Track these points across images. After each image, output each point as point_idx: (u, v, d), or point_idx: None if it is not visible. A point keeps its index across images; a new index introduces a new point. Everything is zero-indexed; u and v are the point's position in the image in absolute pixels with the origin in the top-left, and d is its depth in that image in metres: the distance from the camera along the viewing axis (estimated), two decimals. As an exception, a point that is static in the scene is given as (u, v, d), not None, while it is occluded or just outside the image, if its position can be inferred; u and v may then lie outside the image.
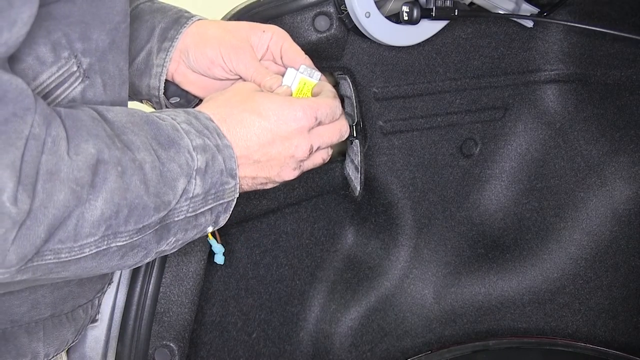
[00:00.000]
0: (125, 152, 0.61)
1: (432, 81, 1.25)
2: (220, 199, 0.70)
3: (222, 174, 0.69)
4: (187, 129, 0.68)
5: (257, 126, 0.73)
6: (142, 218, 0.62)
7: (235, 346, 1.25)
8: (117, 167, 0.59)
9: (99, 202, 0.58)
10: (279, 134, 0.74)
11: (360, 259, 1.39)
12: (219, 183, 0.69)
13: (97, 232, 0.59)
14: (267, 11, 1.06)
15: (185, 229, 0.68)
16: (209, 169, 0.67)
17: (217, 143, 0.69)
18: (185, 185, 0.65)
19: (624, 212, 1.35)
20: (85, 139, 0.58)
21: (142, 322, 1.04)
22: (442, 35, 1.19)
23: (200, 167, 0.66)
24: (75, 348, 1.05)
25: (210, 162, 0.67)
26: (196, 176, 0.66)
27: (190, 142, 0.66)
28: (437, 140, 1.31)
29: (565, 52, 1.29)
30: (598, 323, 1.41)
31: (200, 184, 0.67)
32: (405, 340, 1.41)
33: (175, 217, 0.66)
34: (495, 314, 1.43)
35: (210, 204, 0.69)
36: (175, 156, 0.65)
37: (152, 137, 0.65)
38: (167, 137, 0.65)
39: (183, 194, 0.65)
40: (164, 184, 0.63)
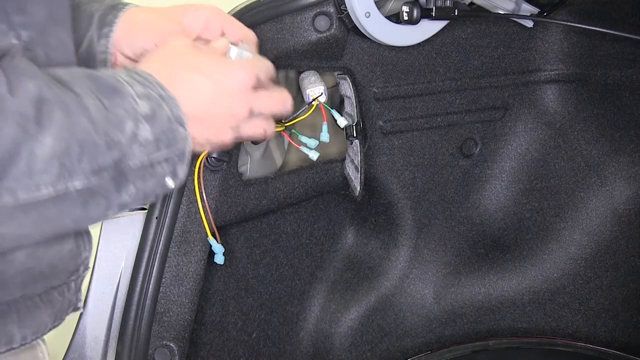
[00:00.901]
0: (68, 93, 0.62)
1: (432, 81, 1.25)
2: (174, 147, 0.71)
3: (170, 121, 0.70)
4: (129, 80, 0.68)
5: (200, 84, 0.74)
6: (95, 157, 0.63)
7: (235, 346, 1.25)
8: (61, 105, 0.61)
9: (48, 138, 0.59)
10: (222, 92, 0.75)
11: (360, 259, 1.39)
12: (169, 130, 0.70)
13: (50, 169, 0.60)
14: (267, 11, 1.06)
15: (143, 178, 0.69)
16: (157, 116, 0.68)
17: (160, 93, 0.70)
18: (133, 129, 0.66)
19: (624, 212, 1.35)
20: (25, 80, 0.60)
21: (142, 322, 1.04)
22: (442, 35, 1.19)
23: (146, 113, 0.67)
24: (75, 347, 1.05)
25: (156, 109, 0.68)
26: (144, 121, 0.67)
27: (133, 91, 0.67)
28: (437, 140, 1.31)
29: (565, 52, 1.29)
30: (598, 323, 1.41)
31: (150, 130, 0.67)
32: (405, 340, 1.41)
33: (130, 163, 0.67)
34: (495, 314, 1.43)
35: (164, 152, 0.70)
36: (119, 102, 0.66)
37: (95, 88, 0.66)
38: (110, 86, 0.67)
39: (134, 139, 0.66)
40: (112, 125, 0.64)
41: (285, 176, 1.19)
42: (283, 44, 1.08)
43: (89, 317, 1.07)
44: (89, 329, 1.07)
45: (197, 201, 1.03)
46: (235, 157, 1.08)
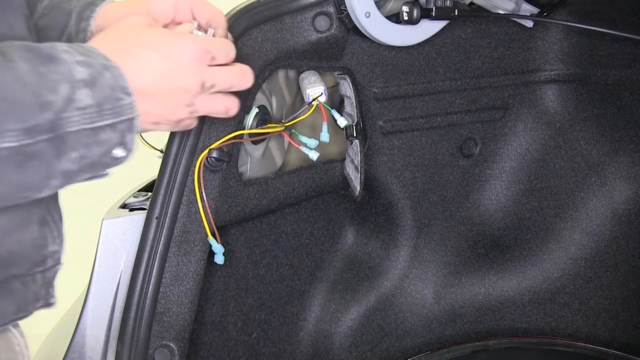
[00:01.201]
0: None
1: (432, 81, 1.25)
2: (120, 115, 0.70)
3: (113, 89, 0.69)
4: (68, 50, 0.68)
5: (150, 59, 0.74)
6: (25, 116, 0.63)
7: (235, 346, 1.25)
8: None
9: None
10: (171, 66, 0.75)
11: (360, 259, 1.39)
12: (113, 98, 0.69)
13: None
14: (267, 11, 1.06)
15: (86, 144, 0.68)
16: (97, 82, 0.68)
17: (103, 63, 0.70)
18: (69, 92, 0.66)
19: (624, 212, 1.35)
20: None
21: (142, 322, 1.04)
22: (442, 35, 1.19)
23: (85, 78, 0.67)
24: (75, 347, 1.05)
25: (96, 75, 0.68)
26: (83, 87, 0.67)
27: (72, 58, 0.67)
28: (437, 140, 1.31)
29: (565, 52, 1.29)
30: (598, 323, 1.41)
31: (90, 95, 0.67)
32: (405, 340, 1.41)
33: (68, 127, 0.66)
34: (495, 314, 1.43)
35: (108, 119, 0.69)
36: (55, 68, 0.66)
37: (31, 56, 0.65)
38: (46, 54, 0.66)
39: (70, 102, 0.66)
40: (44, 87, 0.64)
41: (285, 176, 1.19)
42: (283, 44, 1.08)
43: (89, 317, 1.07)
44: (89, 329, 1.07)
45: (197, 201, 1.03)
46: (235, 157, 1.08)
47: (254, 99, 1.09)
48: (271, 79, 1.15)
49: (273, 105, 1.17)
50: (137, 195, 1.25)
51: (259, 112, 1.09)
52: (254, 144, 1.14)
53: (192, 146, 1.01)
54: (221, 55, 0.80)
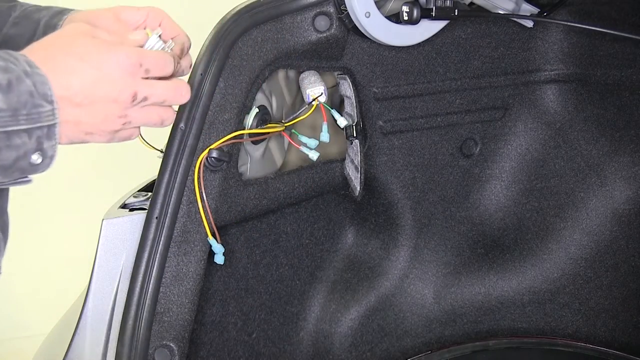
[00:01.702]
0: None
1: (432, 81, 1.25)
2: (37, 122, 0.70)
3: (32, 95, 0.69)
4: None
5: (79, 68, 0.74)
6: None
7: (235, 346, 1.25)
8: None
9: None
10: (102, 77, 0.75)
11: (360, 259, 1.39)
12: (31, 105, 0.69)
13: None
14: (267, 11, 1.06)
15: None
16: (13, 88, 0.68)
17: (25, 69, 0.70)
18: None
19: (624, 212, 1.35)
20: None
21: (142, 322, 1.04)
22: (442, 35, 1.19)
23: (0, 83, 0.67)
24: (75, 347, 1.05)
25: (13, 81, 0.68)
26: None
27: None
28: (437, 140, 1.31)
29: (565, 52, 1.29)
30: (598, 323, 1.41)
31: (3, 99, 0.67)
32: (405, 340, 1.41)
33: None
34: (495, 314, 1.43)
35: (23, 124, 0.69)
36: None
37: None
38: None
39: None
40: None
41: (285, 176, 1.19)
42: (283, 44, 1.08)
43: (89, 317, 1.07)
44: (89, 329, 1.07)
45: (197, 201, 1.03)
46: (235, 157, 1.08)
47: (254, 99, 1.09)
48: (271, 79, 1.15)
49: (273, 105, 1.17)
50: (137, 195, 1.25)
51: (259, 112, 1.09)
52: (254, 144, 1.14)
53: (192, 146, 1.01)
54: (156, 68, 0.79)
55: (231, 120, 1.04)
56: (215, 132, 1.03)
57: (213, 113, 1.02)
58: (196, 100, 1.01)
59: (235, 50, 1.03)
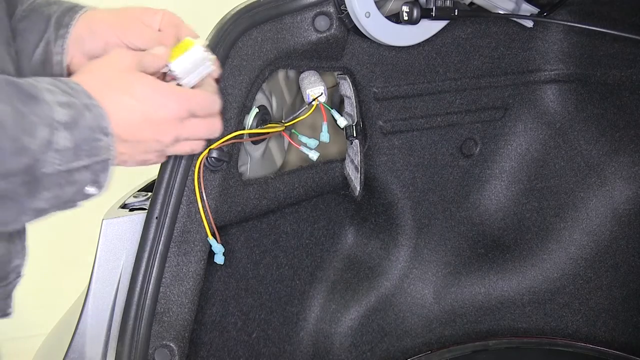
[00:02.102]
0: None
1: (432, 81, 1.25)
2: (95, 156, 0.71)
3: (92, 130, 0.70)
4: (50, 89, 0.68)
5: (132, 108, 0.75)
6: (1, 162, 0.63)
7: (235, 346, 1.25)
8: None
9: None
10: (149, 119, 0.77)
11: (360, 259, 1.39)
12: (91, 139, 0.70)
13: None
14: (267, 11, 1.06)
15: (60, 184, 0.69)
16: (77, 124, 0.68)
17: (85, 102, 0.70)
18: (48, 136, 0.66)
19: (624, 212, 1.35)
20: None
21: (142, 322, 1.04)
22: (442, 35, 1.19)
23: (65, 121, 0.67)
24: (75, 347, 1.05)
25: (77, 117, 0.68)
26: (61, 129, 0.67)
27: (52, 98, 0.67)
28: (437, 140, 1.31)
29: (565, 52, 1.29)
30: (598, 323, 1.41)
31: (69, 137, 0.67)
32: (405, 340, 1.41)
33: (44, 169, 0.66)
34: (495, 314, 1.43)
35: (84, 160, 0.70)
36: (34, 109, 0.65)
37: (12, 93, 0.65)
38: (27, 93, 0.66)
39: (49, 145, 0.66)
40: (22, 131, 0.64)
41: (285, 176, 1.19)
42: (283, 44, 1.08)
43: (89, 317, 1.07)
44: (89, 329, 1.07)
45: (197, 201, 1.03)
46: (235, 157, 1.08)
47: (254, 99, 1.09)
48: (271, 79, 1.15)
49: (273, 105, 1.17)
50: (137, 195, 1.25)
51: (259, 112, 1.09)
52: (254, 144, 1.14)
53: (192, 146, 1.01)
54: (203, 112, 0.82)
55: (231, 120, 1.04)
56: (215, 132, 1.03)
57: (213, 113, 1.02)
58: (196, 100, 1.01)
59: (235, 50, 1.03)
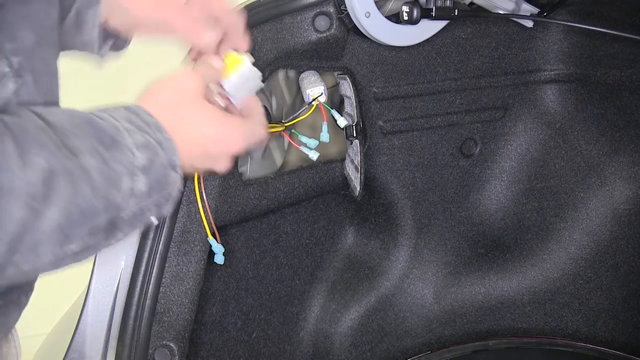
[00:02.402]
0: (72, 159, 0.62)
1: (432, 81, 1.25)
2: (163, 190, 0.71)
3: (164, 167, 0.70)
4: (128, 127, 0.69)
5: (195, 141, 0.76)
6: (93, 220, 0.64)
7: (235, 346, 1.25)
8: (67, 176, 0.61)
9: (53, 213, 0.60)
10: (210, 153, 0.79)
11: (360, 259, 1.39)
12: (163, 176, 0.70)
13: (53, 241, 0.61)
14: (267, 11, 1.06)
15: (132, 224, 0.70)
16: (153, 166, 0.69)
17: (158, 138, 0.71)
18: (130, 184, 0.67)
19: (624, 212, 1.35)
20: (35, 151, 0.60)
21: (142, 322, 1.04)
22: (442, 35, 1.19)
23: (143, 165, 0.68)
24: (75, 347, 1.05)
25: (153, 158, 0.69)
26: (140, 174, 0.68)
27: (132, 141, 0.68)
28: (437, 140, 1.31)
29: (565, 52, 1.29)
30: (598, 323, 1.41)
31: (145, 181, 0.68)
32: (405, 340, 1.41)
33: (123, 215, 0.67)
34: (495, 314, 1.43)
35: (154, 197, 0.71)
36: (118, 156, 0.66)
37: (95, 138, 0.66)
38: (110, 137, 0.67)
39: (129, 193, 0.67)
40: (110, 185, 0.65)
41: (285, 176, 1.19)
42: (283, 44, 1.08)
43: (89, 317, 1.07)
44: (89, 329, 1.07)
45: (197, 201, 1.03)
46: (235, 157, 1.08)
47: (254, 99, 1.09)
48: (271, 79, 1.15)
49: (273, 105, 1.17)
50: (137, 195, 1.25)
51: (259, 112, 1.09)
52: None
53: (192, 146, 1.01)
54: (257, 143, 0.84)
55: (231, 120, 1.04)
56: (215, 132, 1.03)
57: (213, 113, 1.02)
58: (196, 100, 1.01)
59: (235, 50, 1.03)
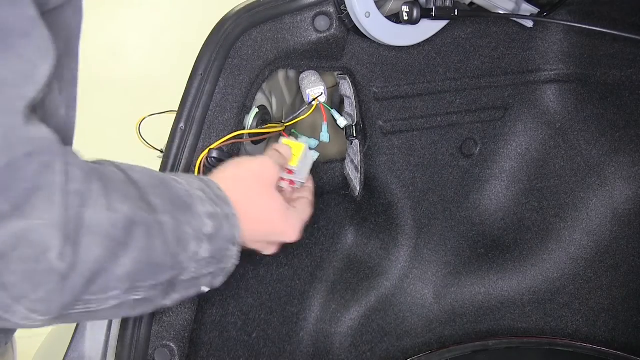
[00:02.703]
0: (151, 214, 0.66)
1: (432, 81, 1.25)
2: (221, 263, 0.76)
3: (226, 241, 0.76)
4: (200, 196, 0.74)
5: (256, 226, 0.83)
6: (159, 275, 0.68)
7: (235, 346, 1.25)
8: (145, 229, 0.64)
9: (128, 260, 0.63)
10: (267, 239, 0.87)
11: (360, 259, 1.39)
12: (223, 249, 0.75)
13: (122, 286, 0.64)
14: (266, 11, 1.06)
15: (187, 288, 0.74)
16: (217, 236, 0.74)
17: (225, 212, 0.76)
18: (195, 248, 0.71)
19: (624, 212, 1.35)
20: (121, 199, 0.63)
21: (142, 322, 1.04)
22: (442, 35, 1.19)
23: (210, 233, 0.73)
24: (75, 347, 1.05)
25: (218, 228, 0.74)
26: (205, 241, 0.72)
27: (203, 209, 0.73)
28: (437, 140, 1.31)
29: (565, 52, 1.29)
30: (598, 323, 1.41)
31: (208, 248, 0.73)
32: (405, 340, 1.41)
33: (182, 277, 0.71)
34: (495, 314, 1.43)
35: (212, 267, 0.75)
36: (190, 220, 0.71)
37: (170, 200, 0.70)
38: (183, 202, 0.72)
39: (193, 257, 0.71)
40: (179, 245, 0.69)
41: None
42: (283, 44, 1.08)
43: (89, 317, 1.07)
44: (89, 329, 1.07)
45: (197, 201, 1.03)
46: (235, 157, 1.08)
47: (254, 99, 1.09)
48: (271, 79, 1.15)
49: (273, 105, 1.17)
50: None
51: (259, 112, 1.09)
52: (254, 144, 1.14)
53: (192, 146, 1.01)
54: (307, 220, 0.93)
55: (231, 120, 1.04)
56: (215, 132, 1.03)
57: (213, 113, 1.02)
58: (196, 100, 1.01)
59: (235, 50, 1.03)
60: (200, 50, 1.02)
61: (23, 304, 0.56)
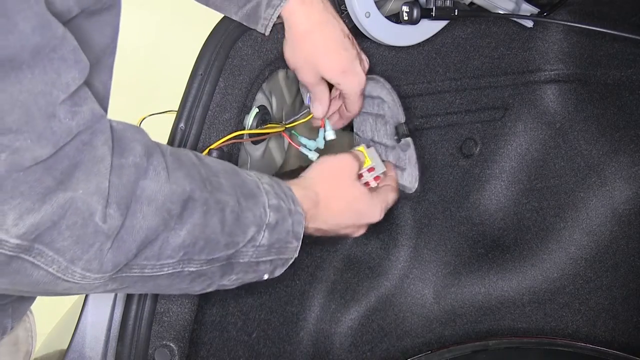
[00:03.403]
0: (213, 194, 0.71)
1: (432, 81, 1.25)
2: (281, 254, 0.81)
3: (288, 233, 0.79)
4: (267, 189, 0.79)
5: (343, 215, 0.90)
6: (213, 251, 0.72)
7: (235, 346, 1.25)
8: (203, 207, 0.70)
9: (183, 232, 0.68)
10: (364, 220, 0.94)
11: (360, 259, 1.39)
12: (284, 240, 0.79)
13: (176, 256, 0.69)
14: (267, 11, 1.06)
15: (246, 271, 0.78)
16: (278, 226, 0.78)
17: (290, 208, 0.80)
18: (254, 234, 0.75)
19: (624, 212, 1.35)
20: (182, 176, 0.68)
21: (142, 322, 1.04)
22: (442, 35, 1.19)
23: (271, 223, 0.77)
24: (75, 348, 1.05)
25: (280, 221, 0.78)
26: (266, 229, 0.76)
27: (267, 200, 0.77)
28: (437, 140, 1.31)
29: (565, 52, 1.29)
30: (598, 323, 1.41)
31: (268, 237, 0.77)
32: (405, 340, 1.41)
33: (240, 259, 0.76)
34: (495, 314, 1.43)
35: (272, 256, 0.79)
36: (252, 207, 0.75)
37: (237, 185, 0.76)
38: (250, 191, 0.77)
39: (251, 241, 0.75)
40: (237, 227, 0.74)
41: (285, 176, 1.19)
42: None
43: (89, 317, 1.07)
44: (89, 329, 1.07)
45: (197, 201, 1.03)
46: (235, 157, 1.08)
47: (254, 99, 1.09)
48: (271, 79, 1.15)
49: (273, 106, 1.17)
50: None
51: (259, 112, 1.09)
52: (254, 144, 1.14)
53: (192, 146, 1.01)
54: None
55: (231, 120, 1.04)
56: (215, 132, 1.03)
57: (213, 113, 1.02)
58: (196, 100, 1.01)
59: (235, 50, 1.03)
60: (200, 50, 1.02)
61: (78, 265, 0.62)
